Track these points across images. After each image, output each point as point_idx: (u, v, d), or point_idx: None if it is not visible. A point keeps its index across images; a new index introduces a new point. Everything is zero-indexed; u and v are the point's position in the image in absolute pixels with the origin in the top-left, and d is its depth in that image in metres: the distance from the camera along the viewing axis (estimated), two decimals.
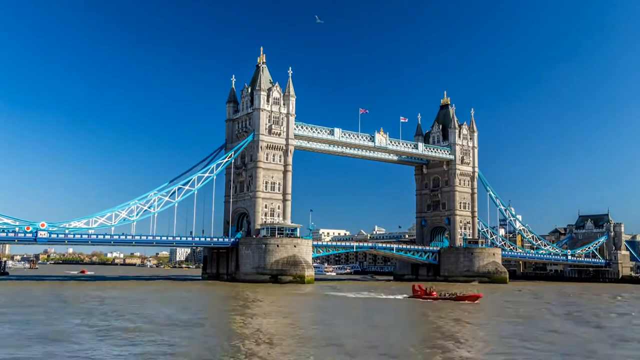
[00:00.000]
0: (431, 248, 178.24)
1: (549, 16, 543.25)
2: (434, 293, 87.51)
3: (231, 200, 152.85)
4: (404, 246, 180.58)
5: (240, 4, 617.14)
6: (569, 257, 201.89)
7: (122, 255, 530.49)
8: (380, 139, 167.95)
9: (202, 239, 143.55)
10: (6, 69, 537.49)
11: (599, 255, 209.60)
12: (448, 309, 70.55)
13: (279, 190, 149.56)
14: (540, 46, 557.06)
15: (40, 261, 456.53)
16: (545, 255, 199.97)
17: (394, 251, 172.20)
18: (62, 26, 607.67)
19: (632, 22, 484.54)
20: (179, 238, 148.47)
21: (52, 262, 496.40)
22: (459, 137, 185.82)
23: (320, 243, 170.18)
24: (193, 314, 60.44)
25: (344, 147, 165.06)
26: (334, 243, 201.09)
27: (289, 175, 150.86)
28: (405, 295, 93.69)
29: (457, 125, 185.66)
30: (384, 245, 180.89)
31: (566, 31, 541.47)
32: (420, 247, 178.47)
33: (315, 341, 41.31)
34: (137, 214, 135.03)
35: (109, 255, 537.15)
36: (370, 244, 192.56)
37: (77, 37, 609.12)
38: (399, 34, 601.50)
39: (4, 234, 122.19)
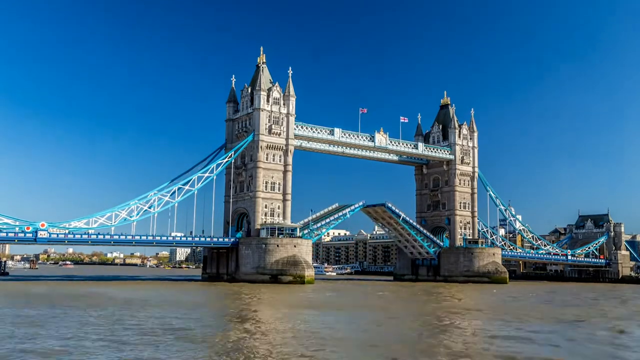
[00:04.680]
0: (437, 241, 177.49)
1: (550, 17, 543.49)
2: None
3: (231, 200, 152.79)
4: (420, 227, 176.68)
5: (240, 4, 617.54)
6: (569, 257, 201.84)
7: (122, 255, 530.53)
8: (380, 139, 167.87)
9: (202, 239, 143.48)
10: (6, 68, 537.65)
11: (598, 255, 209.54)
12: None
13: (279, 190, 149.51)
14: (541, 46, 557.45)
15: (40, 261, 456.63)
16: (545, 255, 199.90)
17: (408, 227, 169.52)
18: (61, 26, 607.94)
19: (633, 22, 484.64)
20: (179, 238, 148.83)
21: (52, 262, 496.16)
22: (459, 137, 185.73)
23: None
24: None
25: (344, 147, 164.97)
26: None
27: (289, 175, 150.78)
28: None
29: (457, 125, 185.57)
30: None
31: (567, 31, 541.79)
32: (430, 235, 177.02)
33: None
34: (137, 214, 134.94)
35: (109, 255, 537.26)
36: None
37: (76, 37, 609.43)
38: (399, 34, 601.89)
39: (4, 234, 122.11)
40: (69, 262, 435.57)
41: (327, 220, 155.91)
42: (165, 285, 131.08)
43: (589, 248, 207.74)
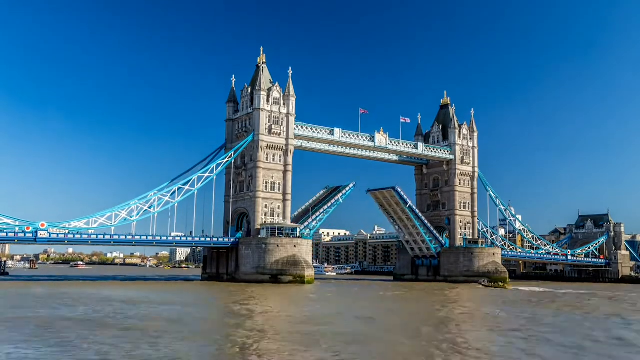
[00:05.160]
0: (439, 237, 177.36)
1: (550, 17, 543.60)
2: None
3: (231, 200, 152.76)
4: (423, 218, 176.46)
5: (240, 4, 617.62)
6: (569, 257, 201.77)
7: (122, 255, 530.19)
8: (380, 139, 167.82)
9: (202, 239, 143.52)
10: (6, 67, 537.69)
11: (598, 255, 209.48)
12: None
13: (279, 190, 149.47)
14: (540, 46, 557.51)
15: (40, 261, 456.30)
16: (545, 255, 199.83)
17: (413, 216, 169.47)
18: (62, 25, 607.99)
19: (633, 21, 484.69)
20: (179, 238, 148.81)
21: (52, 262, 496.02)
22: (459, 137, 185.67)
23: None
24: None
25: (344, 147, 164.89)
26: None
27: (289, 175, 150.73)
28: None
29: (457, 125, 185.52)
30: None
31: (566, 31, 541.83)
32: (433, 230, 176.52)
33: None
34: (137, 214, 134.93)
35: (109, 255, 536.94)
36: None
37: (76, 36, 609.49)
38: (399, 34, 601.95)
39: (4, 234, 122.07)
40: (81, 262, 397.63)
41: (323, 209, 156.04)
42: (173, 286, 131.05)
43: (589, 248, 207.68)
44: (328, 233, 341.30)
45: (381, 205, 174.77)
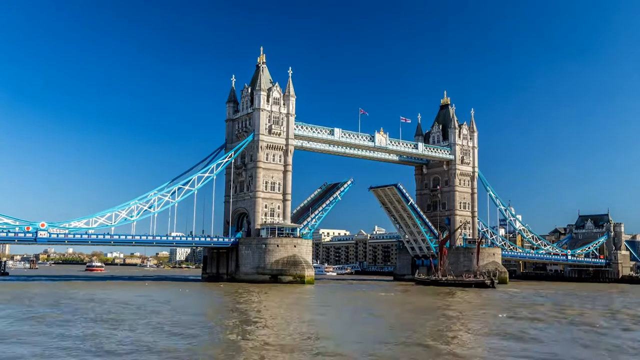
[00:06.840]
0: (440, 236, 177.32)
1: (550, 16, 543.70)
2: None
3: (231, 200, 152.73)
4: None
5: (241, 4, 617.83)
6: (569, 257, 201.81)
7: (122, 255, 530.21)
8: (380, 139, 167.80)
9: (202, 239, 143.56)
10: (6, 67, 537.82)
11: (598, 255, 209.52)
12: None
13: (279, 190, 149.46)
14: (541, 46, 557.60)
15: (40, 261, 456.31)
16: (545, 255, 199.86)
17: (414, 214, 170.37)
18: (62, 25, 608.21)
19: (633, 21, 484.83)
20: (179, 238, 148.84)
21: (52, 262, 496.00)
22: (459, 137, 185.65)
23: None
24: None
25: (344, 147, 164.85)
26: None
27: (289, 175, 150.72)
28: None
29: (457, 125, 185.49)
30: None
31: (566, 31, 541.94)
32: (433, 228, 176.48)
33: None
34: (137, 214, 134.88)
35: (109, 255, 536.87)
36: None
37: (77, 35, 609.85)
38: (399, 34, 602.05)
39: (4, 234, 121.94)
40: (98, 264, 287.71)
41: (321, 207, 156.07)
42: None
43: (589, 248, 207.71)
44: (328, 233, 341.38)
45: (383, 202, 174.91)
